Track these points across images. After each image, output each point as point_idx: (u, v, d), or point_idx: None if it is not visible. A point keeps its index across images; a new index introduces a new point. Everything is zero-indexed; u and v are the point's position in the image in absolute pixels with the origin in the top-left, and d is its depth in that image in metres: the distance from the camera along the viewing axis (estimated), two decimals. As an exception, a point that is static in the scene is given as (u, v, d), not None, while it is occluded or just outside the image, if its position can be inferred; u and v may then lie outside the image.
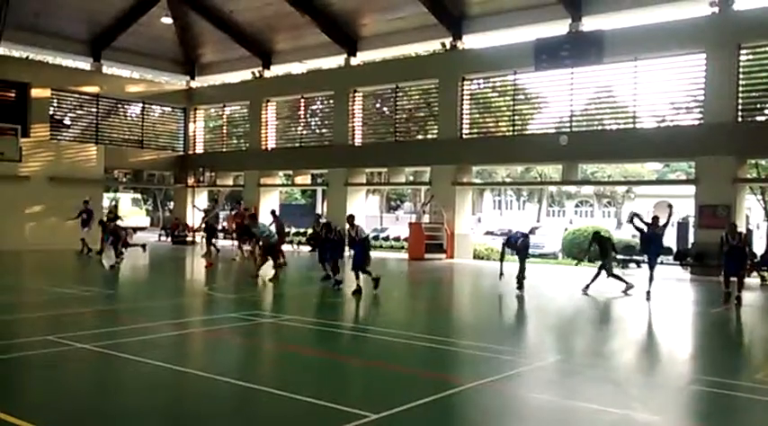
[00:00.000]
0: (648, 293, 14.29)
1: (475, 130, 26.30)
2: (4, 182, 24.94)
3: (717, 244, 14.78)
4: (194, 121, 34.74)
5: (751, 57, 20.48)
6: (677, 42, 20.88)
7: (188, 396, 6.78)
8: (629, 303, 14.03)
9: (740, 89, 20.11)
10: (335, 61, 29.67)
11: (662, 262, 17.01)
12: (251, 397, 6.63)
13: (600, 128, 23.54)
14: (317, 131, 32.21)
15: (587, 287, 14.92)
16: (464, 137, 25.74)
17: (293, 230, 31.60)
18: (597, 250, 15.79)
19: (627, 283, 15.16)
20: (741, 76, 20.13)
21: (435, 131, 26.73)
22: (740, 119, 20.15)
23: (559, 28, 22.89)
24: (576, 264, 19.92)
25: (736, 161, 20.16)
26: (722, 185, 19.90)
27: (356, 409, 5.97)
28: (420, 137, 28.41)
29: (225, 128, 35.32)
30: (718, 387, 7.30)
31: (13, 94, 28.06)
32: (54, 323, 10.37)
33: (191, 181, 33.21)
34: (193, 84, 34.51)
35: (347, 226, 14.41)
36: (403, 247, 27.97)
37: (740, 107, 20.14)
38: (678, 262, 21.07)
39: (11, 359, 7.97)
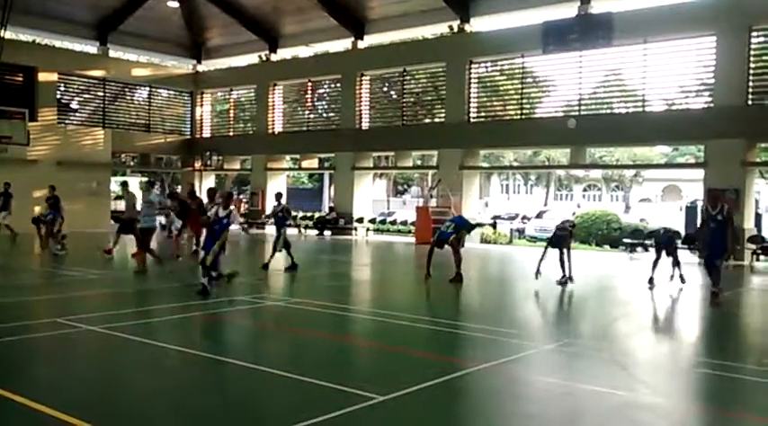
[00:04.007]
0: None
1: (482, 114, 26.19)
2: (13, 166, 25.00)
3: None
4: (201, 105, 34.73)
5: (762, 39, 20.25)
6: (687, 24, 20.68)
7: (195, 378, 6.81)
8: (636, 287, 14.00)
9: (751, 72, 19.94)
10: (342, 44, 29.54)
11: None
12: (258, 379, 6.66)
13: (608, 111, 23.42)
14: (324, 115, 32.15)
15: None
16: (471, 120, 25.65)
17: (300, 214, 31.71)
18: None
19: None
20: (752, 59, 19.94)
21: (443, 115, 26.63)
22: (750, 103, 19.97)
23: (568, 10, 22.71)
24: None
25: (746, 144, 20.02)
26: (731, 169, 19.78)
27: (363, 391, 5.99)
28: (427, 120, 28.33)
29: (232, 111, 35.29)
30: (724, 371, 7.28)
31: (20, 78, 28.12)
32: (61, 306, 10.43)
33: (198, 164, 33.28)
34: (200, 68, 34.46)
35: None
36: (410, 231, 27.97)
37: (751, 90, 19.97)
38: (686, 246, 20.99)
39: (20, 340, 8.03)
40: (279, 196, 16.11)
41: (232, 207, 12.08)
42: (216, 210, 11.59)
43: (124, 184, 18.09)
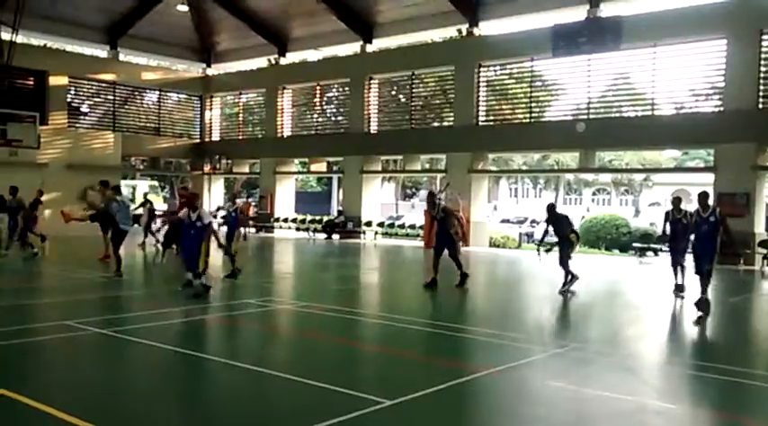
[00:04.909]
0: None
1: (491, 117, 26.14)
2: (23, 169, 25.12)
3: (737, 232, 13.07)
4: (210, 109, 34.86)
5: (773, 42, 20.13)
6: (697, 28, 20.59)
7: (202, 381, 6.82)
8: (646, 291, 13.93)
9: (761, 75, 19.79)
10: (351, 48, 29.59)
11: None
12: (265, 383, 6.65)
13: (618, 115, 23.33)
14: (333, 119, 32.19)
15: None
16: (480, 124, 25.61)
17: (309, 217, 31.76)
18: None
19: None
20: (763, 63, 19.80)
21: (451, 118, 26.60)
22: (761, 106, 19.85)
23: (577, 13, 22.66)
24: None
25: (757, 148, 19.89)
26: (742, 173, 19.67)
27: (370, 395, 5.97)
28: (436, 124, 28.29)
29: (241, 115, 35.40)
30: (734, 376, 7.22)
31: (31, 82, 28.29)
32: (71, 308, 10.45)
33: (207, 168, 33.38)
34: (209, 72, 34.59)
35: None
36: (418, 235, 27.93)
37: (761, 94, 19.83)
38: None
39: (28, 343, 8.05)
40: (233, 196, 16.23)
41: (204, 209, 11.91)
42: (187, 213, 11.44)
43: (104, 183, 16.64)
